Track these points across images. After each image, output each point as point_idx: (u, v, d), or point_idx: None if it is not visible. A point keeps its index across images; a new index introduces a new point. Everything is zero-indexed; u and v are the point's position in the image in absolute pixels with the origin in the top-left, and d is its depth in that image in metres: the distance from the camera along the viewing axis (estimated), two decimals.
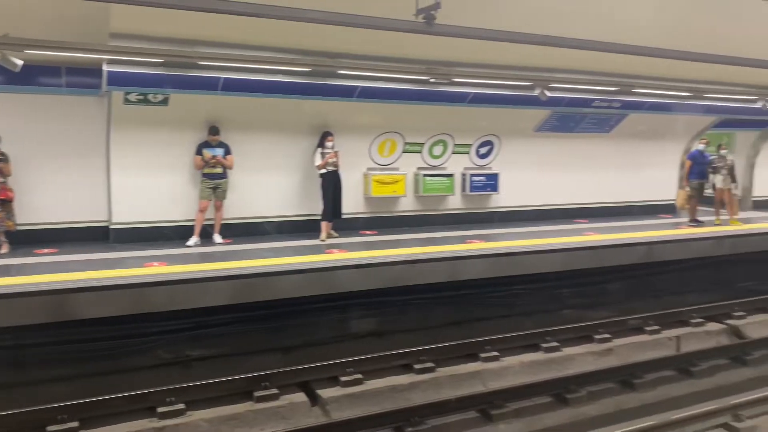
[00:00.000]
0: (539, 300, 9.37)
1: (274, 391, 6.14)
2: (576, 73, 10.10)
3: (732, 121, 13.43)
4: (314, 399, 6.25)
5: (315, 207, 9.58)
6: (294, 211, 9.89)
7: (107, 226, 8.96)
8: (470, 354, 7.34)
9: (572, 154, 12.16)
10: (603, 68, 10.08)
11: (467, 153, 11.27)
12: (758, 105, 11.88)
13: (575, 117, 11.51)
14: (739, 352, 7.90)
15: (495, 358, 7.27)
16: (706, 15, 8.67)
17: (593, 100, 10.96)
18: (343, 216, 9.69)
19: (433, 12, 6.58)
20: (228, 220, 9.21)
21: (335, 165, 9.32)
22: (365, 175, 10.41)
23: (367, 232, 10.14)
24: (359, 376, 6.53)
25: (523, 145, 11.62)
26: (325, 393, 6.28)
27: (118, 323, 6.75)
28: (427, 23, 6.62)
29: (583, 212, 12.41)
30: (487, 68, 9.40)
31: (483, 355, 7.27)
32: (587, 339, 8.05)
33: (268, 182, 9.68)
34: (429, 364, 6.91)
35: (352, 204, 10.16)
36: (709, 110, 12.36)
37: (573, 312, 9.23)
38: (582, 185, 12.48)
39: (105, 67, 7.68)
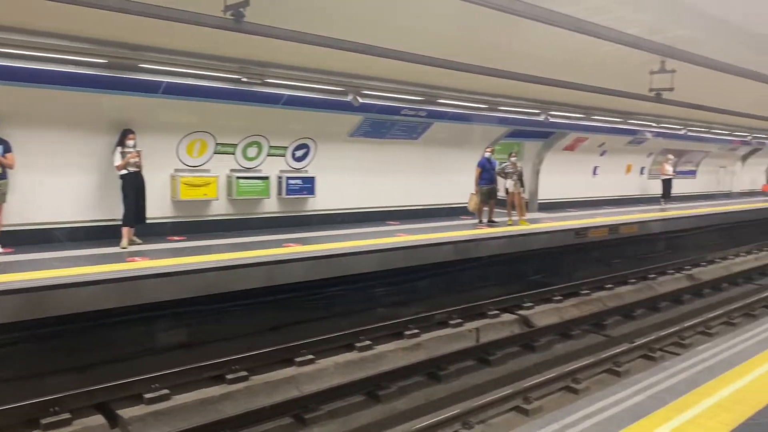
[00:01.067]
0: (356, 300, 9.58)
1: (66, 416, 5.53)
2: (387, 82, 10.49)
3: (521, 131, 14.95)
4: (114, 420, 5.73)
5: (115, 211, 8.80)
6: (90, 215, 8.98)
7: None
8: (286, 359, 7.27)
9: (384, 160, 12.63)
10: (411, 78, 10.60)
11: (283, 156, 11.16)
12: (541, 118, 13.36)
13: (386, 124, 11.98)
14: (528, 339, 8.79)
15: (310, 362, 7.27)
16: (499, 34, 9.52)
17: (402, 108, 11.50)
18: (147, 221, 9.02)
19: (241, 9, 6.36)
20: (8, 227, 8.08)
21: (137, 165, 8.63)
22: (173, 177, 9.78)
23: (176, 237, 9.55)
24: (166, 391, 6.13)
25: (339, 150, 11.82)
26: (127, 413, 5.80)
27: None
28: (236, 20, 6.39)
29: (395, 214, 12.94)
30: (302, 71, 9.39)
31: (298, 359, 7.23)
32: (398, 336, 8.40)
33: (59, 184, 8.67)
34: (242, 373, 6.70)
35: (157, 208, 9.49)
36: (501, 121, 13.63)
37: (387, 310, 9.56)
38: (394, 189, 13.02)
39: None
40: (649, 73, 10.89)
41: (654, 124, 15.88)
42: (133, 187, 8.63)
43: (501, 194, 13.29)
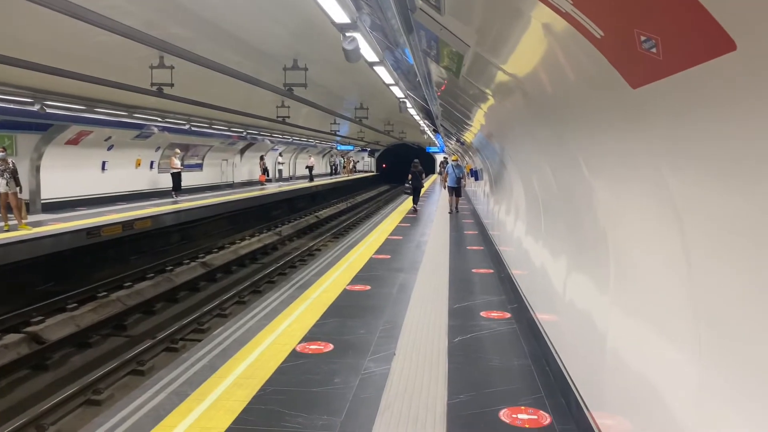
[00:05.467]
0: None
1: None
2: None
3: (11, 122, 13.03)
4: None
5: None
6: None
7: None
8: None
9: None
10: None
11: None
12: (36, 108, 11.86)
13: None
14: (40, 358, 7.79)
15: None
16: None
17: None
18: None
19: None
20: None
21: None
22: None
23: None
24: None
25: None
26: None
27: None
28: None
29: None
30: None
31: None
32: None
33: None
34: None
35: None
36: None
37: None
38: None
39: None
40: (149, 67, 10.93)
41: (159, 119, 16.12)
42: None
43: None
